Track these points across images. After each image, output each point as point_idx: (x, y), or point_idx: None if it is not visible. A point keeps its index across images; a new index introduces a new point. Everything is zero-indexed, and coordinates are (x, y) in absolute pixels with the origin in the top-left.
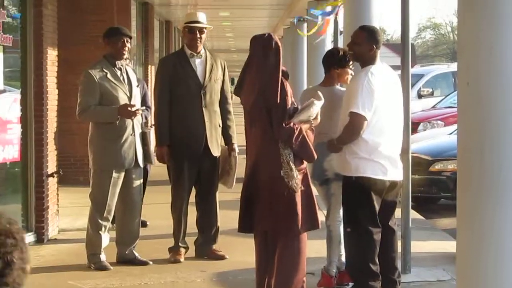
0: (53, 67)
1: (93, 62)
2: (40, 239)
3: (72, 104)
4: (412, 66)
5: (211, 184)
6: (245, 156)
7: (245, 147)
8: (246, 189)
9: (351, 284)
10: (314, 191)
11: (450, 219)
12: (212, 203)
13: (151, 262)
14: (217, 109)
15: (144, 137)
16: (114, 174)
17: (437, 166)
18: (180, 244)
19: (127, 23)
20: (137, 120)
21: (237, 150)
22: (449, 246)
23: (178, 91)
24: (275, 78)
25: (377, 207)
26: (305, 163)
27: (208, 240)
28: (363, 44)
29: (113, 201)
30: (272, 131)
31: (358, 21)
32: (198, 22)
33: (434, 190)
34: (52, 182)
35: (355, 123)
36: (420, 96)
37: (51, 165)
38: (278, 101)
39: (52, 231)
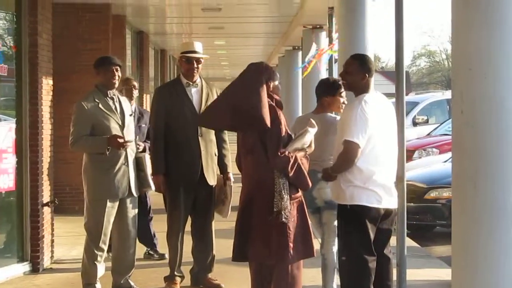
0: (48, 96)
1: (86, 93)
2: (35, 269)
3: (67, 133)
4: (407, 94)
5: (207, 213)
6: (241, 184)
7: (240, 175)
8: (240, 218)
9: None
10: None
11: (445, 247)
12: (207, 232)
13: None
14: (213, 138)
15: (139, 162)
16: (108, 204)
17: (432, 194)
18: (175, 273)
19: (122, 52)
20: (131, 149)
21: (232, 179)
22: (445, 273)
23: (174, 120)
24: (262, 102)
25: (372, 235)
26: (300, 191)
27: (203, 269)
28: (355, 73)
29: (107, 231)
30: (267, 159)
31: (352, 49)
32: (195, 51)
33: (429, 218)
34: (47, 212)
35: (349, 151)
36: (415, 123)
37: (46, 194)
38: (268, 126)
39: (47, 261)
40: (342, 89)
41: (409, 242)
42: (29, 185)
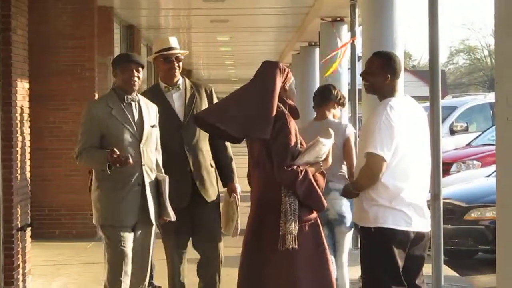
0: (24, 101)
1: (100, 96)
2: None
3: (46, 145)
4: (443, 97)
5: (210, 236)
6: (249, 203)
7: (246, 193)
8: (247, 245)
9: None
10: None
11: (489, 276)
12: (211, 258)
13: None
14: (205, 147)
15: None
16: (121, 232)
17: (474, 214)
18: None
19: (110, 50)
20: (148, 168)
21: (239, 190)
22: None
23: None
24: (267, 108)
25: (400, 263)
26: (314, 213)
27: None
28: (377, 73)
29: (128, 260)
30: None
31: (378, 45)
32: (172, 48)
33: (470, 242)
34: (23, 237)
35: (373, 166)
36: (452, 132)
37: (22, 217)
38: (266, 136)
39: None
40: (334, 99)
41: (446, 270)
42: (2, 206)
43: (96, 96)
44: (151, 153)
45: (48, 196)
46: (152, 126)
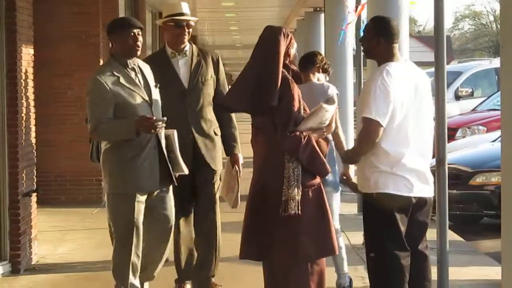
0: (29, 68)
1: (100, 66)
2: (16, 269)
3: (52, 112)
4: (448, 62)
5: (208, 202)
6: (251, 170)
7: (251, 159)
8: (250, 208)
9: None
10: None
11: (494, 241)
12: (209, 223)
13: None
14: (209, 114)
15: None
16: (138, 198)
17: (479, 179)
18: (181, 275)
19: (114, 16)
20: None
21: (241, 161)
22: (493, 272)
23: (161, 100)
24: (274, 74)
25: (403, 229)
26: (318, 178)
27: (204, 268)
28: (370, 38)
29: (140, 232)
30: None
31: (383, 10)
32: (183, 14)
33: (475, 207)
34: (29, 203)
35: (369, 130)
36: (458, 97)
37: (28, 183)
38: (273, 103)
39: (29, 260)
40: (319, 63)
41: (451, 235)
42: (8, 172)
43: (101, 62)
44: (160, 114)
45: (54, 162)
46: (156, 86)
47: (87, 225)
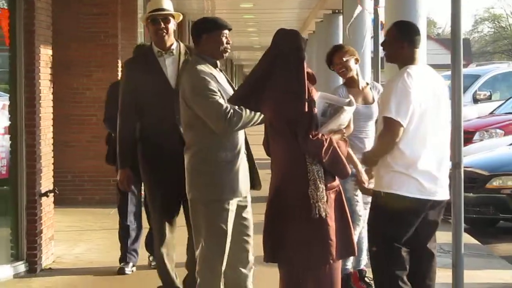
0: (46, 68)
1: (193, 65)
2: (32, 269)
3: (68, 112)
4: (467, 65)
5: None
6: (269, 171)
7: (262, 160)
8: (269, 212)
9: None
10: None
11: (510, 244)
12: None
13: None
14: None
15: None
16: (231, 206)
17: (495, 183)
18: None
19: (133, 17)
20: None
21: None
22: (509, 275)
23: (146, 101)
24: (301, 82)
25: (410, 228)
26: (338, 179)
27: (193, 279)
28: (393, 42)
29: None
30: (297, 144)
31: (401, 13)
32: (161, 9)
33: (491, 211)
34: (46, 203)
35: (389, 130)
36: (475, 100)
37: (45, 183)
38: (306, 110)
39: (46, 260)
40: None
41: (467, 238)
42: (25, 172)
43: (120, 63)
44: None
45: (71, 163)
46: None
47: (104, 225)
